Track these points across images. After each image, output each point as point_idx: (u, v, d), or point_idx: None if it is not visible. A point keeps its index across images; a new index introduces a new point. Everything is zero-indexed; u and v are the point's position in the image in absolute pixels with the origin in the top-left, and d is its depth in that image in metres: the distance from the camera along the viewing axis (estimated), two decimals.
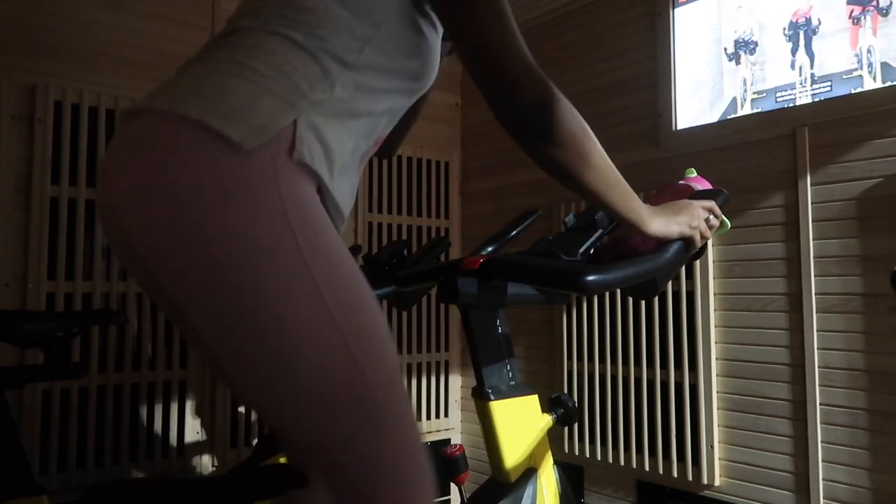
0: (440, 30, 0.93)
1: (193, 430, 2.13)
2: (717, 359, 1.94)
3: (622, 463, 2.11)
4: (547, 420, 1.33)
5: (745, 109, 1.96)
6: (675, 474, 1.98)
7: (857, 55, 1.74)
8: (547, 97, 0.84)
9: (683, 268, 1.95)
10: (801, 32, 1.86)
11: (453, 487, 2.51)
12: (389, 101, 0.90)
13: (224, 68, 0.80)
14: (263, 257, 0.72)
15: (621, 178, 0.93)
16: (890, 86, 1.66)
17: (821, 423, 1.73)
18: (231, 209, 0.72)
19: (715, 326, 1.94)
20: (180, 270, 0.73)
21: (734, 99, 1.99)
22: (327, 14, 0.83)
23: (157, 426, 2.06)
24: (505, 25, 0.83)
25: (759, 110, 1.93)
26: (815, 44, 1.82)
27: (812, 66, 1.83)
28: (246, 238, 0.72)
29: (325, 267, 0.75)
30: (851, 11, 1.75)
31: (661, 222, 0.98)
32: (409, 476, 0.79)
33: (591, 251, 1.17)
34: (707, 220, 1.05)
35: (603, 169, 0.90)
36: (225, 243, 0.72)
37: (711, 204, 1.07)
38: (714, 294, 1.95)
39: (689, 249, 1.05)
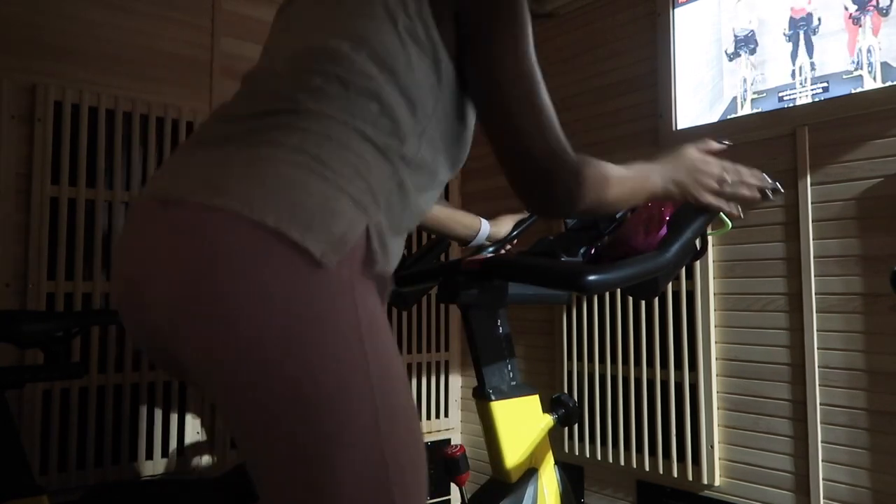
0: (474, 114, 0.92)
1: (193, 430, 2.13)
2: (717, 359, 1.94)
3: (622, 463, 2.11)
4: (548, 420, 1.33)
5: (745, 109, 1.97)
6: (675, 474, 1.98)
7: (856, 55, 1.74)
8: (574, 186, 0.84)
9: (683, 268, 1.95)
10: (801, 32, 1.86)
11: (453, 487, 2.52)
12: (433, 195, 0.90)
13: (294, 160, 0.73)
14: (340, 360, 0.71)
15: (636, 177, 0.93)
16: (890, 86, 1.66)
17: (821, 423, 1.73)
18: (313, 321, 0.70)
19: (715, 326, 1.94)
20: (245, 382, 0.70)
21: (734, 99, 1.99)
22: (391, 102, 0.79)
23: (157, 426, 2.06)
24: (544, 119, 0.82)
25: (759, 110, 1.93)
26: (815, 44, 1.82)
27: (812, 66, 1.83)
28: (323, 353, 0.70)
29: (387, 389, 0.74)
30: (851, 12, 1.75)
31: (677, 183, 0.98)
32: None
33: (592, 251, 1.17)
34: (738, 181, 1.05)
35: (621, 194, 0.91)
36: (303, 352, 0.70)
37: (732, 166, 1.06)
38: (714, 294, 1.95)
39: (718, 210, 1.02)
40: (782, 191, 1.05)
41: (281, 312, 0.69)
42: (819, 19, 1.82)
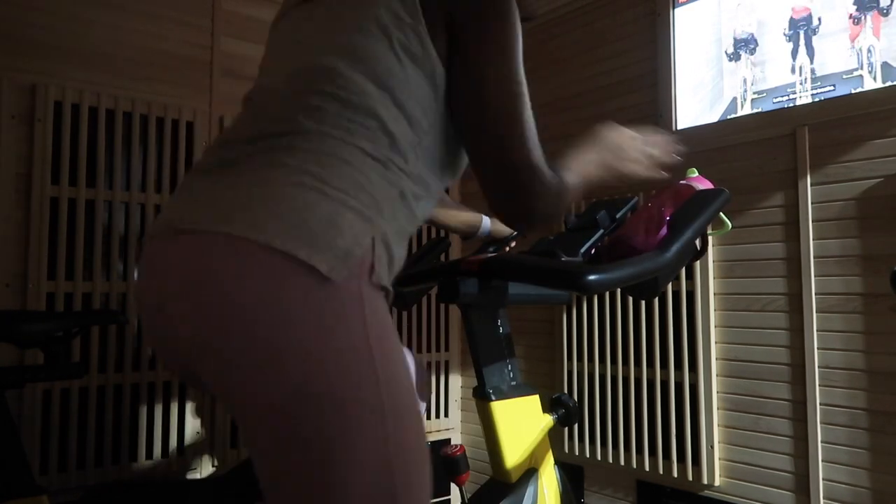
0: None
1: (193, 430, 2.13)
2: (717, 359, 1.94)
3: (622, 463, 2.11)
4: (548, 420, 1.33)
5: (745, 109, 1.97)
6: (675, 474, 1.98)
7: (857, 55, 1.74)
8: (553, 210, 0.87)
9: (684, 268, 1.95)
10: (802, 32, 1.86)
11: (453, 487, 2.52)
12: (430, 206, 0.90)
13: (297, 180, 0.75)
14: (351, 372, 0.73)
15: (582, 181, 0.95)
16: (890, 86, 1.66)
17: (821, 423, 1.73)
18: (325, 334, 0.72)
19: (715, 326, 1.94)
20: (261, 404, 0.72)
21: (734, 99, 1.99)
22: (388, 117, 0.80)
23: (157, 426, 2.06)
24: (526, 131, 0.83)
25: (759, 110, 1.93)
26: (816, 44, 1.83)
27: (812, 67, 1.83)
28: (339, 357, 0.72)
29: (393, 394, 0.76)
30: (851, 12, 1.75)
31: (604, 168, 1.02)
32: None
33: (592, 251, 1.17)
34: (650, 155, 1.08)
35: (574, 199, 0.94)
36: (318, 365, 0.71)
37: (658, 139, 1.10)
38: (714, 294, 1.95)
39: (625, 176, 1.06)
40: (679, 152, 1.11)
41: (294, 330, 0.71)
42: (819, 19, 1.82)
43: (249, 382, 0.72)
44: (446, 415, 2.71)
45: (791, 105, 1.85)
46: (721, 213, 1.17)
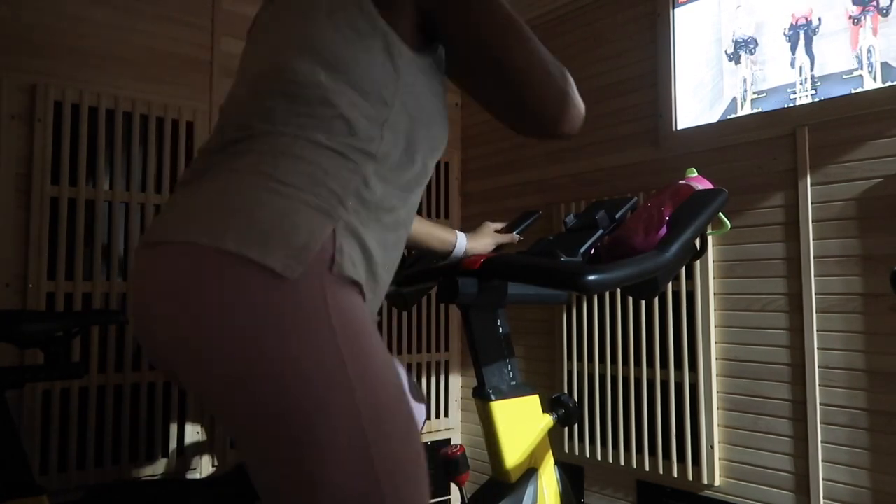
0: (447, 87, 0.92)
1: (193, 430, 2.13)
2: (717, 359, 1.94)
3: (622, 463, 2.11)
4: (547, 420, 1.33)
5: (745, 109, 1.97)
6: (675, 474, 1.98)
7: (857, 55, 1.74)
8: (576, 123, 0.88)
9: (684, 268, 1.95)
10: (802, 32, 1.86)
11: (453, 487, 2.52)
12: (409, 177, 0.88)
13: (250, 181, 0.76)
14: (314, 379, 0.72)
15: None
16: (890, 86, 1.66)
17: (821, 423, 1.73)
18: (285, 338, 0.71)
19: (715, 326, 1.94)
20: (233, 401, 0.73)
21: (734, 99, 1.99)
22: (342, 102, 0.79)
23: (157, 426, 2.06)
24: (539, 59, 0.84)
25: (759, 110, 1.93)
26: (815, 44, 1.82)
27: (812, 66, 1.83)
28: (299, 364, 0.71)
29: (369, 390, 0.74)
30: (851, 12, 1.75)
31: None
32: None
33: (592, 251, 1.17)
34: None
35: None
36: (279, 372, 0.71)
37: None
38: (714, 294, 1.95)
39: None
40: None
41: (252, 330, 0.71)
42: (819, 19, 1.82)
43: (216, 397, 0.74)
44: (446, 415, 2.71)
45: (791, 105, 1.85)
46: (720, 213, 1.17)
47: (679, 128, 2.09)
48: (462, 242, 1.40)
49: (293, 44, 0.82)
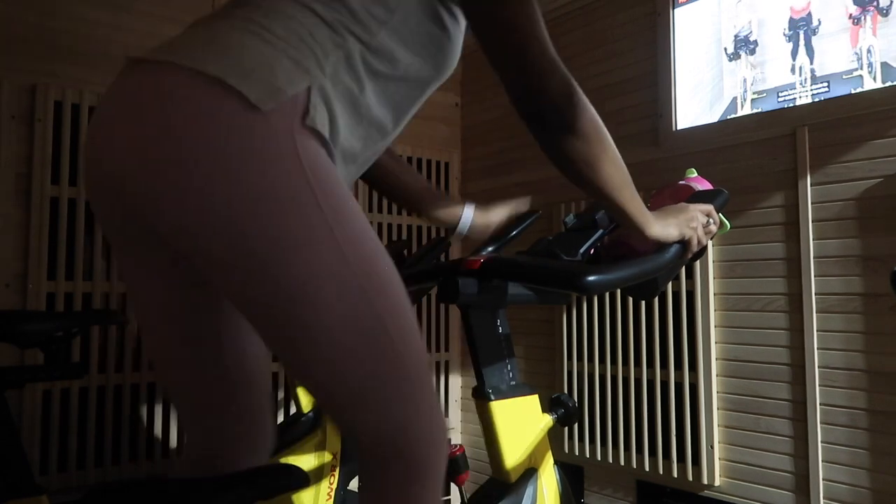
0: (463, 23, 0.92)
1: None
2: (717, 359, 1.94)
3: (622, 463, 2.11)
4: (547, 420, 1.33)
5: (745, 109, 1.96)
6: (675, 474, 1.98)
7: (857, 55, 1.74)
8: (570, 91, 0.86)
9: (684, 268, 1.95)
10: (801, 32, 1.86)
11: (453, 487, 2.51)
12: (400, 90, 0.89)
13: (241, 26, 0.80)
14: (284, 209, 0.74)
15: (630, 179, 0.94)
16: (890, 86, 1.66)
17: (821, 423, 1.73)
18: (251, 163, 0.73)
19: (715, 326, 1.94)
20: (196, 222, 0.74)
21: (734, 99, 1.99)
22: None
23: (157, 426, 2.06)
24: (534, 20, 0.84)
25: (759, 110, 1.93)
26: (815, 44, 1.82)
27: (812, 66, 1.83)
28: (266, 190, 0.73)
29: (342, 221, 0.77)
30: (851, 12, 1.75)
31: (661, 225, 1.00)
32: (430, 423, 0.87)
33: (592, 251, 1.17)
34: (706, 224, 1.06)
35: (617, 166, 0.93)
36: (245, 196, 0.73)
37: (709, 208, 1.08)
38: (714, 294, 1.95)
39: (687, 252, 1.05)
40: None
41: (221, 148, 0.73)
42: (819, 19, 1.82)
43: (174, 201, 0.74)
44: (446, 415, 2.71)
45: (791, 105, 1.85)
46: (720, 214, 1.17)
47: (679, 128, 2.09)
48: (468, 215, 1.34)
49: None
